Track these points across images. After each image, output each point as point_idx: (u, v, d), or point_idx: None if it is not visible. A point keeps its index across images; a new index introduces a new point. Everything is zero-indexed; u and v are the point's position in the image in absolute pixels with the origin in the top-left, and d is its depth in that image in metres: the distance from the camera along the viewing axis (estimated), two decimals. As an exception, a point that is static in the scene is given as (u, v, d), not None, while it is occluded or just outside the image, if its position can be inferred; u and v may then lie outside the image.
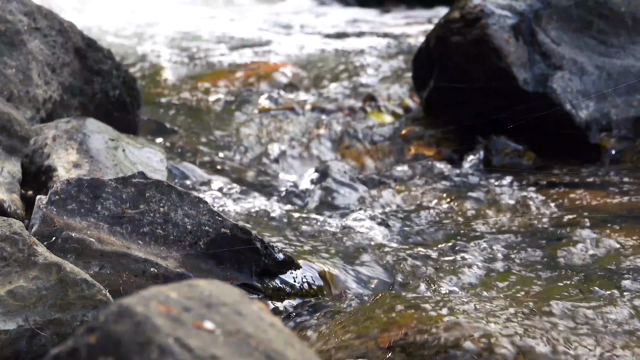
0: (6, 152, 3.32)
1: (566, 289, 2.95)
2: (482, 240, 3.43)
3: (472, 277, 3.10)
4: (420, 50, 4.56)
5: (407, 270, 3.16)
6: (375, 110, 4.73)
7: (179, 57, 5.52)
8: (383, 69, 5.29)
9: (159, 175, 3.41)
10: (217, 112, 4.78)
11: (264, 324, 1.58)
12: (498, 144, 4.27)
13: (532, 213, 3.68)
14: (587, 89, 4.28)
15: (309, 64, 5.43)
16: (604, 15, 4.46)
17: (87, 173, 3.32)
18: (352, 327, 2.62)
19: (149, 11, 6.79)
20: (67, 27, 3.97)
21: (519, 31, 4.30)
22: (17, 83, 3.68)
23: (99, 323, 1.46)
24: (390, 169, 4.26)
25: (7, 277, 2.42)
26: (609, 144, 4.23)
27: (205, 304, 1.54)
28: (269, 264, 2.88)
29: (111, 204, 2.81)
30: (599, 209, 3.67)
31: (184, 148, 4.30)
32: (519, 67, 4.24)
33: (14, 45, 3.74)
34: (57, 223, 2.73)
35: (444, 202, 3.86)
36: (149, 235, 2.80)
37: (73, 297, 2.40)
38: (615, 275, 3.08)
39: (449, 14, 4.42)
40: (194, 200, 2.87)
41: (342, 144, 4.47)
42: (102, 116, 3.91)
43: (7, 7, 3.78)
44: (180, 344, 1.44)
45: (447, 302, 2.73)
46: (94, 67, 4.02)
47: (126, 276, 2.71)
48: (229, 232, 2.84)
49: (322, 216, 3.63)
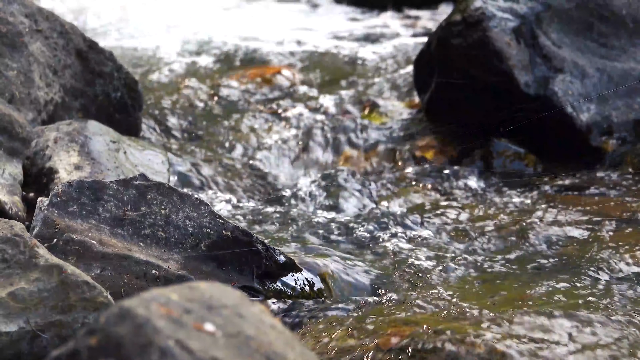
0: (7, 154, 3.32)
1: (567, 292, 2.95)
2: (483, 243, 3.43)
3: (473, 279, 3.10)
4: (422, 53, 4.56)
5: (408, 272, 3.16)
6: (376, 112, 4.73)
7: (180, 59, 5.53)
8: (384, 71, 5.29)
9: (160, 178, 3.42)
10: (218, 114, 4.79)
11: (265, 326, 1.59)
12: (499, 147, 4.27)
13: (532, 216, 3.68)
14: (588, 92, 4.28)
15: (310, 66, 5.44)
16: (605, 18, 4.46)
17: (88, 175, 3.32)
18: (353, 330, 2.62)
19: (150, 13, 6.79)
20: (69, 29, 3.97)
21: (520, 34, 4.30)
22: (18, 85, 3.69)
23: (100, 325, 1.46)
24: (390, 172, 4.26)
25: (8, 279, 2.42)
26: (610, 147, 4.23)
27: (206, 306, 1.54)
28: (270, 266, 2.88)
29: (112, 206, 2.82)
30: (599, 212, 3.67)
31: (185, 150, 4.30)
32: (520, 70, 4.24)
33: (16, 47, 3.74)
34: (58, 225, 2.73)
35: (444, 204, 3.86)
36: (150, 238, 2.80)
37: (74, 299, 2.40)
38: (616, 279, 3.08)
39: (450, 16, 4.42)
40: (195, 203, 2.87)
41: (342, 146, 4.47)
42: (103, 118, 3.92)
43: (8, 9, 3.78)
44: (181, 346, 1.44)
45: (448, 305, 2.73)
46: (95, 69, 4.02)
47: (127, 278, 2.71)
48: (230, 234, 2.84)
49: (322, 218, 3.63)
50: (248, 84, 5.11)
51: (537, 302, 2.82)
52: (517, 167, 4.23)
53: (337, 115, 4.70)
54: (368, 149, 4.46)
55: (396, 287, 3.08)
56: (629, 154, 4.18)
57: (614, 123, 4.29)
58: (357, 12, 7.08)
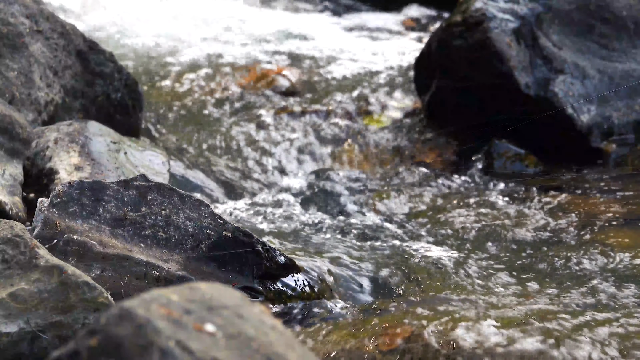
0: (8, 155, 3.32)
1: (568, 292, 2.95)
2: (483, 243, 3.43)
3: (474, 280, 3.10)
4: (422, 54, 4.56)
5: (408, 273, 3.16)
6: (376, 114, 4.73)
7: (181, 60, 5.53)
8: (384, 72, 5.29)
9: (161, 178, 3.42)
10: (218, 115, 4.79)
11: (265, 326, 1.58)
12: (499, 148, 4.27)
13: (532, 217, 3.68)
14: (588, 93, 4.28)
15: (310, 67, 5.44)
16: (606, 19, 4.46)
17: (88, 176, 3.32)
18: (353, 330, 2.62)
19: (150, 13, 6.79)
20: (69, 30, 3.97)
21: (520, 35, 4.30)
22: (19, 86, 3.69)
23: (100, 326, 1.46)
24: (391, 173, 4.26)
25: (8, 279, 2.42)
26: (611, 148, 4.23)
27: (207, 307, 1.54)
28: (270, 266, 2.88)
29: (113, 206, 2.82)
30: (600, 212, 3.67)
31: (186, 151, 4.30)
32: (521, 71, 4.24)
33: (16, 47, 3.74)
34: (58, 226, 2.73)
35: (444, 205, 3.86)
36: (150, 238, 2.80)
37: (74, 299, 2.40)
38: (616, 279, 3.08)
39: (451, 17, 4.42)
40: (195, 203, 2.87)
41: (342, 148, 4.47)
42: (103, 119, 3.91)
43: (9, 10, 3.78)
44: (181, 347, 1.44)
45: (447, 306, 2.73)
46: (95, 70, 4.02)
47: (128, 279, 2.71)
48: (230, 235, 2.84)
49: (322, 220, 3.63)
50: (248, 85, 5.11)
51: (540, 302, 2.82)
52: (517, 168, 4.23)
53: (338, 116, 4.70)
54: (368, 151, 4.46)
55: (396, 287, 3.08)
56: (630, 155, 4.19)
57: (615, 124, 4.29)
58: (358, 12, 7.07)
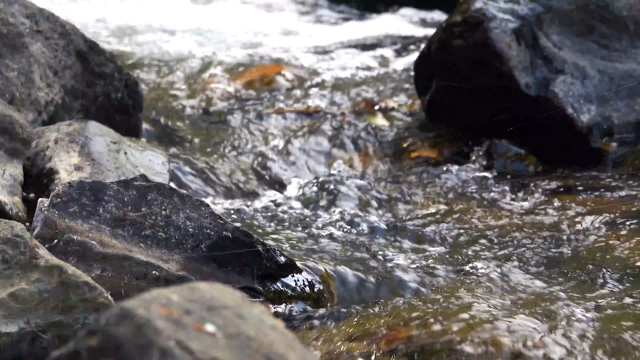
0: (8, 155, 3.32)
1: (568, 292, 2.95)
2: (483, 243, 3.43)
3: (475, 279, 3.10)
4: (422, 54, 4.56)
5: (408, 273, 3.16)
6: (376, 114, 4.73)
7: (181, 60, 5.53)
8: (384, 72, 5.29)
9: (161, 178, 3.42)
10: (219, 114, 4.79)
11: (266, 326, 1.58)
12: (500, 148, 4.27)
13: (532, 217, 3.68)
14: (588, 93, 4.28)
15: (310, 67, 5.44)
16: (606, 20, 4.46)
17: (88, 176, 3.32)
18: (354, 330, 2.62)
19: (150, 14, 6.79)
20: (69, 30, 3.97)
21: (520, 35, 4.30)
22: (19, 86, 3.69)
23: (100, 326, 1.46)
24: (391, 173, 4.26)
25: (8, 279, 2.42)
26: (611, 148, 4.23)
27: (207, 307, 1.54)
28: (271, 267, 2.88)
29: (113, 206, 2.82)
30: (600, 212, 3.67)
31: (186, 151, 4.30)
32: (521, 71, 4.24)
33: (16, 48, 3.74)
34: (58, 226, 2.73)
35: (444, 205, 3.86)
36: (150, 238, 2.80)
37: (74, 299, 2.40)
38: (616, 279, 3.08)
39: (451, 17, 4.42)
40: (195, 203, 2.87)
41: (342, 148, 4.47)
42: (103, 119, 3.91)
43: (9, 10, 3.78)
44: (181, 347, 1.44)
45: (449, 305, 2.73)
46: (95, 70, 4.02)
47: (128, 279, 2.71)
48: (230, 235, 2.84)
49: (323, 219, 3.63)
50: (249, 85, 5.11)
51: (540, 302, 2.82)
52: (517, 168, 4.23)
53: (338, 116, 4.70)
54: (368, 151, 4.45)
55: (397, 287, 3.08)
56: (630, 155, 4.18)
57: (615, 124, 4.28)
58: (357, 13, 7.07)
